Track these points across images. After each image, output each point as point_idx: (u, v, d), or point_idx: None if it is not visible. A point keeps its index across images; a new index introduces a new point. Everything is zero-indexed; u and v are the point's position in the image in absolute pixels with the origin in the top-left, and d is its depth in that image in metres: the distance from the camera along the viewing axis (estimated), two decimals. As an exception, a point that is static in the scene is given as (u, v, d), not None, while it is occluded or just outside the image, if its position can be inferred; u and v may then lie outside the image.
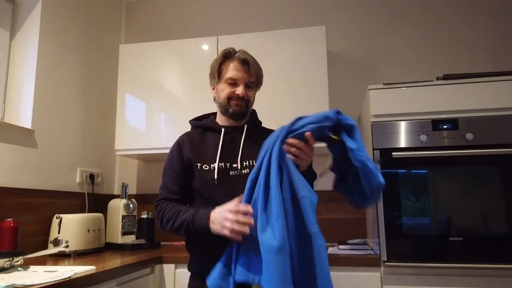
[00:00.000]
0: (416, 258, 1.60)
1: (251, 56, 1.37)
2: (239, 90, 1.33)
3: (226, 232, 1.09)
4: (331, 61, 2.46)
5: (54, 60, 2.07)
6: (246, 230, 1.06)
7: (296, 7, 2.60)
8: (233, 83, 1.35)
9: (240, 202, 1.11)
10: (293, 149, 1.11)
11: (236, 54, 1.35)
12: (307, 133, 1.10)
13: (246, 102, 1.36)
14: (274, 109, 2.10)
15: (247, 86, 1.36)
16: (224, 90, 1.36)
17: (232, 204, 1.11)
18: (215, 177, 1.28)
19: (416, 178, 1.67)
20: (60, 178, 2.08)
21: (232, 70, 1.34)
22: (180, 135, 1.45)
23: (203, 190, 1.30)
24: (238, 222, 1.07)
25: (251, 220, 1.06)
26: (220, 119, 1.43)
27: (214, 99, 1.42)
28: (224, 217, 1.10)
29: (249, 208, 1.07)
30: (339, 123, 1.11)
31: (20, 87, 1.94)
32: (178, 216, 1.23)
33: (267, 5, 2.64)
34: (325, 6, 2.56)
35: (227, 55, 1.37)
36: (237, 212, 1.08)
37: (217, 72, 1.38)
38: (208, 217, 1.16)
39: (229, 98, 1.35)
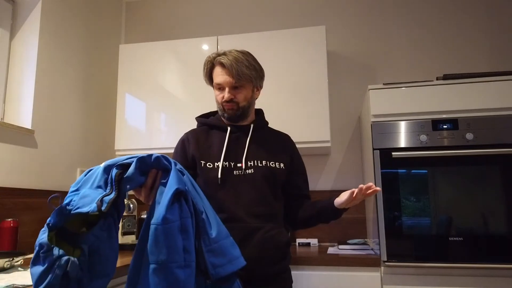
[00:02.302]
0: (416, 258, 1.60)
1: (234, 55, 1.32)
2: (225, 94, 1.33)
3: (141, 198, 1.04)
4: (331, 61, 2.47)
5: (54, 60, 2.07)
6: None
7: (296, 7, 2.60)
8: (220, 87, 1.35)
9: None
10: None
11: (216, 59, 1.34)
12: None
13: (237, 105, 1.34)
14: (274, 109, 2.10)
15: (234, 88, 1.33)
16: (216, 96, 1.37)
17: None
18: (219, 176, 1.28)
19: (416, 178, 1.67)
20: (60, 178, 2.08)
21: (217, 75, 1.34)
22: (180, 135, 1.45)
23: (205, 188, 1.29)
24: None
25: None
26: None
27: None
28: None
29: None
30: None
31: (20, 87, 1.94)
32: None
33: (267, 5, 2.64)
34: (325, 6, 2.56)
35: (212, 62, 1.36)
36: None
37: (208, 80, 1.40)
38: None
39: (222, 104, 1.35)
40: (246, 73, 1.32)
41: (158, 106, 2.27)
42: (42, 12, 1.99)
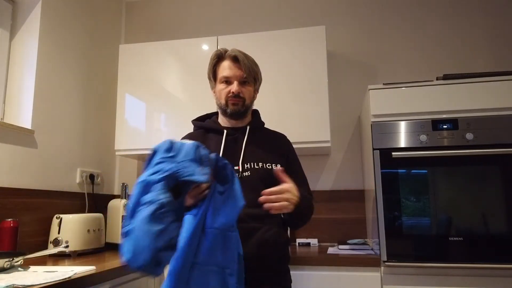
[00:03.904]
0: (416, 258, 1.60)
1: (243, 53, 1.37)
2: (233, 87, 1.34)
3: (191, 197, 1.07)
4: (331, 61, 2.47)
5: (54, 60, 2.07)
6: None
7: (296, 7, 2.60)
8: (228, 81, 1.36)
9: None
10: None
11: (227, 53, 1.36)
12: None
13: (242, 100, 1.36)
14: (273, 109, 2.10)
15: (242, 83, 1.36)
16: (221, 91, 1.37)
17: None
18: None
19: (416, 178, 1.67)
20: (60, 178, 2.08)
21: (224, 68, 1.36)
22: (180, 135, 1.45)
23: None
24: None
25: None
26: (222, 120, 1.43)
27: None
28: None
29: None
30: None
31: (20, 87, 1.94)
32: None
33: (267, 5, 2.64)
34: (325, 6, 2.56)
35: (219, 56, 1.38)
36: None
37: (212, 74, 1.40)
38: None
39: (227, 98, 1.35)
40: (255, 70, 1.39)
41: (158, 106, 2.27)
42: (42, 12, 1.99)
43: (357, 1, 2.53)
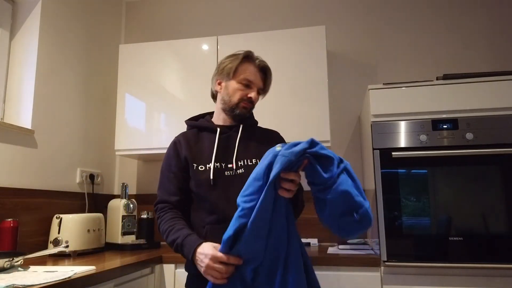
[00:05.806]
0: (416, 258, 1.60)
1: (268, 66, 1.42)
2: (253, 94, 1.36)
3: (209, 278, 1.11)
4: (331, 61, 2.47)
5: (54, 60, 2.07)
6: (225, 281, 1.08)
7: (296, 7, 2.60)
8: (247, 84, 1.36)
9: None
10: (287, 185, 1.04)
11: (257, 60, 1.39)
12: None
13: (251, 107, 1.40)
14: (273, 109, 2.10)
15: (258, 93, 1.40)
16: (237, 91, 1.36)
17: (217, 253, 1.09)
18: (211, 177, 1.28)
19: (416, 178, 1.67)
20: (60, 178, 2.08)
21: (250, 72, 1.37)
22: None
23: (198, 190, 1.30)
24: (221, 274, 1.08)
25: (231, 272, 1.08)
26: (217, 118, 1.43)
27: (216, 93, 1.43)
28: (210, 266, 1.09)
29: (231, 260, 1.07)
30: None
31: (20, 87, 1.94)
32: (171, 233, 1.24)
33: (267, 5, 2.64)
34: (325, 6, 2.56)
35: (248, 57, 1.39)
36: (220, 263, 1.09)
37: (233, 70, 1.37)
38: (194, 251, 1.16)
39: (241, 100, 1.36)
40: (270, 85, 1.45)
41: (158, 106, 2.27)
42: (42, 12, 1.99)
43: (357, 1, 2.53)
